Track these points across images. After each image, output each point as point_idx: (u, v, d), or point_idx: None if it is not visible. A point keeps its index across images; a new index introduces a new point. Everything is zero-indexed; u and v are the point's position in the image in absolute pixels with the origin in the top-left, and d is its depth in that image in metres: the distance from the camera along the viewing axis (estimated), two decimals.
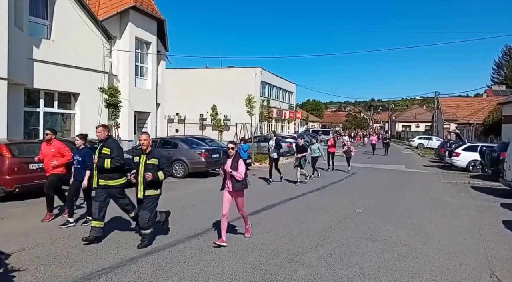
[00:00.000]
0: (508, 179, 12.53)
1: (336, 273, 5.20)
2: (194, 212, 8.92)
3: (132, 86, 20.00)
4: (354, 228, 7.74)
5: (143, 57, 21.67)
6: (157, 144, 16.11)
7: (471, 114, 43.24)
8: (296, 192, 12.05)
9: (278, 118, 47.71)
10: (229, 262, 5.54)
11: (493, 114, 34.61)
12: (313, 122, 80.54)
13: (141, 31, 20.60)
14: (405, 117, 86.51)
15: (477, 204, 11.01)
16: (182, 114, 39.88)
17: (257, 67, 39.97)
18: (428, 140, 43.48)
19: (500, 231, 7.92)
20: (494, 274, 5.38)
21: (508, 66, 62.03)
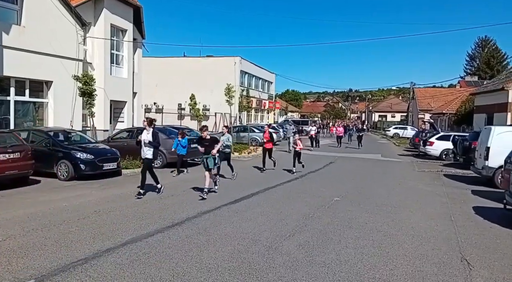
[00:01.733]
0: (479, 167, 13.00)
1: (313, 260, 5.29)
2: (172, 202, 8.86)
3: (107, 75, 19.52)
4: (331, 216, 7.87)
5: (119, 45, 21.13)
6: (133, 134, 15.82)
7: (445, 105, 44.40)
8: (275, 181, 12.13)
9: (257, 108, 47.70)
10: (207, 251, 5.54)
11: (465, 105, 35.57)
12: (292, 113, 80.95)
13: (117, 18, 20.05)
14: (382, 107, 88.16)
15: (449, 191, 11.38)
16: (159, 103, 39.27)
17: (236, 56, 39.67)
18: (403, 130, 44.43)
19: (470, 217, 8.21)
20: (464, 258, 5.58)
21: (481, 58, 63.84)
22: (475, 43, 66.76)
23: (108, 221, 7.02)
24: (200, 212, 7.85)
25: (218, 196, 9.52)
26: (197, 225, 6.88)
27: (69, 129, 14.37)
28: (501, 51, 62.70)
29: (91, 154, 11.87)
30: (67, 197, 9.12)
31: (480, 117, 29.32)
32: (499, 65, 59.41)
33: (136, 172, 13.36)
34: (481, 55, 64.19)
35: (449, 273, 5.00)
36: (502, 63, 59.72)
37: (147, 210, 7.93)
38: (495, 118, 26.33)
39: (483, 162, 12.53)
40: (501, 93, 25.91)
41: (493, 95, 27.35)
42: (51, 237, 6.01)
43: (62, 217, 7.23)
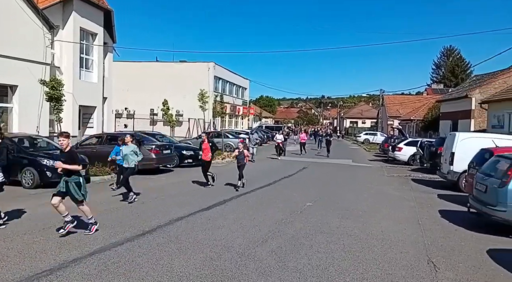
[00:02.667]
0: (444, 172, 13.48)
1: (285, 265, 5.31)
2: (143, 209, 8.68)
3: (76, 79, 19.00)
4: (303, 221, 7.94)
5: (89, 48, 20.64)
6: (103, 140, 15.49)
7: (413, 111, 45.94)
8: (248, 187, 12.10)
9: (231, 114, 47.63)
10: (179, 259, 5.46)
11: (432, 111, 36.95)
12: (267, 118, 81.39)
13: (86, 21, 19.60)
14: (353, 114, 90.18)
15: (417, 196, 11.73)
16: (131, 109, 38.50)
17: (210, 62, 39.52)
18: (373, 136, 45.57)
19: (436, 221, 8.49)
20: (430, 260, 5.76)
21: (446, 67, 66.55)
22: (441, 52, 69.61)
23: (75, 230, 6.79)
24: (172, 219, 7.73)
25: (191, 203, 9.41)
26: (169, 233, 6.77)
27: (35, 136, 13.85)
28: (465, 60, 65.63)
29: (58, 160, 11.46)
30: (32, 206, 8.76)
31: (446, 123, 30.50)
32: (463, 74, 62.07)
33: (105, 179, 13.06)
34: (446, 64, 66.90)
35: (416, 275, 5.14)
36: (466, 72, 62.44)
37: (116, 218, 7.74)
38: (460, 124, 27.47)
39: (448, 166, 13.00)
40: (465, 101, 27.07)
41: (458, 103, 28.54)
42: (14, 247, 5.75)
43: (26, 227, 6.95)
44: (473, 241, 6.94)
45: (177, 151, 16.70)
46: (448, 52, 68.17)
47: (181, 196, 10.50)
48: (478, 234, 7.35)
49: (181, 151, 17.05)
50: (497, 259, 5.88)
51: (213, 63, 39.76)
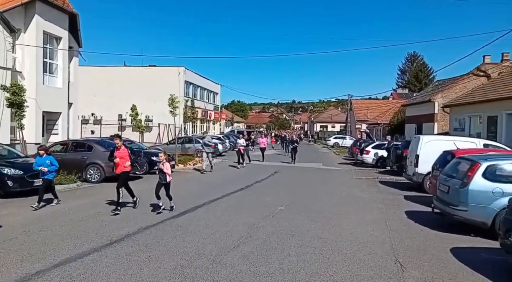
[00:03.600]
0: (410, 174, 13.94)
1: (257, 270, 5.31)
2: (111, 218, 8.44)
3: (39, 84, 18.33)
4: (275, 225, 7.98)
5: (53, 53, 19.97)
6: (68, 147, 15.00)
7: (380, 115, 47.33)
8: (220, 192, 12.05)
9: (203, 119, 47.30)
10: (148, 268, 5.35)
11: (397, 115, 38.21)
12: (238, 123, 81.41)
13: (50, 25, 18.97)
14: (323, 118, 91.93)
15: (384, 197, 12.06)
16: (98, 114, 37.55)
17: (181, 66, 39.15)
18: (342, 139, 46.51)
19: (403, 221, 8.76)
20: (397, 260, 5.93)
21: (410, 72, 69.10)
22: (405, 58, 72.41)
23: (38, 241, 6.52)
24: (141, 227, 7.56)
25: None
26: (138, 242, 6.61)
27: None
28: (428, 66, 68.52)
29: (20, 169, 11.04)
30: None
31: (411, 127, 31.61)
32: (426, 79, 64.68)
33: (71, 187, 12.63)
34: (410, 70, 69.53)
35: (384, 275, 5.28)
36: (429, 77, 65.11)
37: (82, 228, 7.49)
38: (424, 128, 28.54)
39: (414, 168, 13.45)
40: (428, 105, 28.17)
41: (422, 107, 29.66)
42: None
43: None
44: (437, 240, 7.20)
45: (146, 157, 16.38)
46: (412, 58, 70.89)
47: (152, 203, 10.29)
48: (442, 233, 7.63)
49: (150, 157, 16.70)
50: (460, 257, 6.13)
51: (184, 68, 39.42)
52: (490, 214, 7.10)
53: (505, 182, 7.23)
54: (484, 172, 7.37)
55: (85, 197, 11.09)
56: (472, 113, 21.64)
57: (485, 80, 25.63)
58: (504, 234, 5.58)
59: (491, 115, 19.49)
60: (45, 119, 19.42)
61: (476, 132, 21.06)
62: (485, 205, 7.16)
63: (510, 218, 5.57)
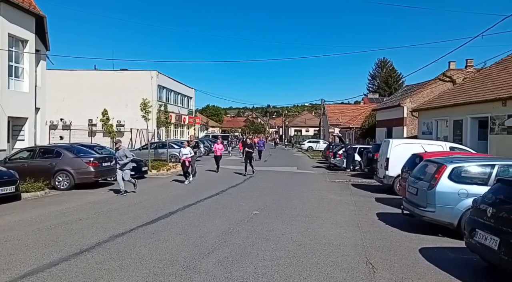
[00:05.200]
0: (381, 176, 14.28)
1: (231, 276, 5.29)
2: (81, 226, 8.18)
3: (4, 89, 17.56)
4: (250, 230, 7.98)
5: (19, 56, 19.22)
6: (36, 153, 14.45)
7: (351, 120, 48.31)
8: (195, 197, 11.95)
9: (177, 123, 46.77)
10: (120, 276, 5.23)
11: (369, 119, 39.09)
12: (213, 128, 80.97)
13: (16, 27, 18.24)
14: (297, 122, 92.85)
15: (356, 200, 12.30)
16: (67, 119, 36.42)
17: (153, 70, 38.59)
18: (316, 143, 47.18)
19: (374, 223, 8.96)
20: (369, 262, 6.06)
21: (380, 77, 70.96)
22: (376, 64, 74.15)
23: (3, 252, 6.25)
24: (112, 235, 7.38)
25: (133, 217, 9.06)
26: (109, 250, 6.44)
27: None
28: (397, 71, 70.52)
29: None
30: None
31: (381, 131, 32.42)
32: (396, 84, 66.53)
33: (38, 195, 12.18)
34: (380, 75, 71.33)
35: (356, 277, 5.38)
36: (398, 82, 67.01)
37: (51, 237, 7.23)
38: (394, 131, 29.34)
39: (384, 171, 13.80)
40: (398, 109, 29.00)
41: (391, 111, 30.50)
42: None
43: None
44: (407, 241, 7.41)
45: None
46: (382, 64, 72.77)
47: (123, 210, 10.06)
48: (411, 234, 7.86)
49: None
50: (428, 257, 6.33)
51: (156, 72, 38.90)
52: (456, 214, 7.37)
53: (470, 183, 7.53)
54: (450, 174, 7.65)
55: (54, 205, 10.71)
56: (439, 117, 22.43)
57: (450, 85, 26.66)
58: (469, 233, 5.80)
59: (456, 119, 20.26)
60: (11, 125, 18.63)
61: (443, 135, 21.81)
62: (451, 206, 7.42)
63: (474, 218, 5.80)
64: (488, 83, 19.23)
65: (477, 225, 5.63)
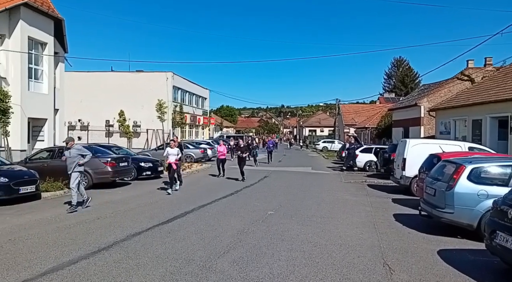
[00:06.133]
0: (397, 177, 14.09)
1: (247, 276, 5.30)
2: (99, 225, 8.31)
3: (25, 90, 18.04)
4: (265, 230, 7.98)
5: (38, 58, 19.69)
6: (55, 153, 14.68)
7: (367, 119, 47.80)
8: (210, 197, 12.00)
9: (192, 124, 47.10)
10: (137, 275, 5.29)
11: (385, 119, 38.62)
12: (228, 128, 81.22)
13: (35, 30, 18.72)
14: (311, 122, 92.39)
15: (372, 201, 12.17)
16: (85, 120, 37.10)
17: (168, 72, 38.95)
18: (331, 143, 46.87)
19: (391, 224, 8.84)
20: (386, 263, 5.98)
21: (396, 76, 70.04)
22: (392, 63, 73.31)
23: (25, 250, 6.39)
24: (129, 234, 7.47)
25: (150, 217, 9.15)
26: (126, 249, 6.53)
27: None
28: (414, 71, 69.54)
29: (5, 176, 10.78)
30: None
31: (398, 130, 31.99)
32: (412, 83, 65.61)
33: (57, 194, 12.43)
34: (396, 74, 70.43)
35: (373, 278, 5.32)
36: (415, 81, 66.07)
37: (70, 236, 7.37)
38: (411, 131, 28.91)
39: (401, 172, 13.60)
40: (414, 109, 28.57)
41: (408, 111, 30.06)
42: None
43: None
44: (425, 242, 7.29)
45: (134, 163, 16.20)
46: (398, 63, 71.85)
47: (140, 209, 10.18)
48: (429, 236, 7.73)
49: (139, 163, 16.58)
50: (447, 259, 6.22)
51: (172, 73, 39.25)
52: (476, 216, 7.22)
53: (490, 184, 7.37)
54: (469, 175, 7.50)
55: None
56: (457, 117, 22.02)
57: (469, 84, 26.13)
58: (489, 235, 5.68)
59: (475, 118, 19.85)
60: (31, 125, 19.10)
61: (462, 135, 21.42)
62: (470, 207, 7.27)
63: (495, 219, 5.68)
64: (508, 82, 18.77)
65: (497, 227, 5.50)
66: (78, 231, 7.74)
